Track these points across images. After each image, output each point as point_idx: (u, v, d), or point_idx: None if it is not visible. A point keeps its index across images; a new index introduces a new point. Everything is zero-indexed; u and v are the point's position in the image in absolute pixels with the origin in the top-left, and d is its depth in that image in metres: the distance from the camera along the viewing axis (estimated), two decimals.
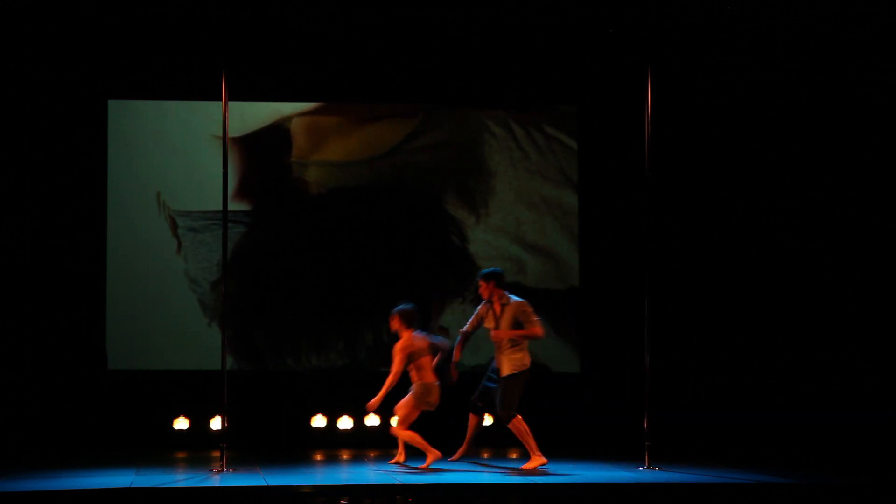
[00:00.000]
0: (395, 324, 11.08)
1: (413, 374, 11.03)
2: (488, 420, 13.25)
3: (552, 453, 12.19)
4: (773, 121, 13.39)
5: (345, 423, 13.07)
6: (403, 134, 13.35)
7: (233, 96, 11.09)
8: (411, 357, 10.97)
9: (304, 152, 13.22)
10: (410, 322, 11.05)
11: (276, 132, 13.23)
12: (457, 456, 11.33)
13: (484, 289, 11.05)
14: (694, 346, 13.24)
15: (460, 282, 13.35)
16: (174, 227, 13.06)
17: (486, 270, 11.17)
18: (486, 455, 12.28)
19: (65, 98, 12.88)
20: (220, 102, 10.99)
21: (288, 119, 13.22)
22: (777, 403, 13.10)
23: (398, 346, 11.00)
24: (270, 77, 13.10)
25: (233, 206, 12.93)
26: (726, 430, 12.86)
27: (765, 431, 12.87)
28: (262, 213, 13.20)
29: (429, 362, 11.05)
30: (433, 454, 10.88)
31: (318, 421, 12.99)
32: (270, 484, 9.79)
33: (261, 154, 13.21)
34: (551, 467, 10.96)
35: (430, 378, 11.02)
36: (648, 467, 10.73)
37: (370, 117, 13.31)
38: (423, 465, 10.87)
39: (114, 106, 13.10)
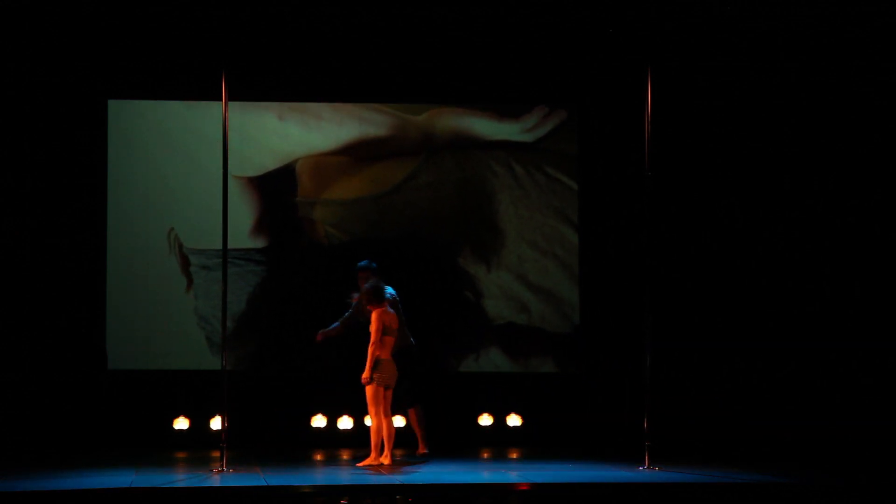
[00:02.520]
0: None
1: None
2: (487, 419, 13.27)
3: (553, 453, 12.20)
4: (774, 121, 13.37)
5: (345, 423, 13.07)
6: (405, 173, 13.35)
7: (233, 96, 11.09)
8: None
9: (310, 191, 13.24)
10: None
11: (288, 172, 13.25)
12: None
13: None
14: (694, 359, 13.22)
15: (465, 316, 13.38)
16: (186, 264, 13.05)
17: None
18: (485, 455, 12.28)
19: (65, 98, 12.89)
20: (220, 103, 10.98)
21: (297, 160, 13.25)
22: (778, 412, 13.08)
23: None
24: (270, 77, 13.10)
25: (247, 244, 13.08)
26: (726, 431, 12.85)
27: (764, 434, 12.86)
28: (276, 250, 13.21)
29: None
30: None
31: (318, 421, 13.00)
32: (270, 484, 9.79)
33: (274, 194, 13.23)
34: (552, 467, 10.96)
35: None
36: (648, 467, 10.72)
37: (373, 156, 13.32)
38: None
39: (114, 106, 13.10)
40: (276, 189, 13.21)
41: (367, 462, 11.04)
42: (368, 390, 11.00)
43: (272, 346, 13.19)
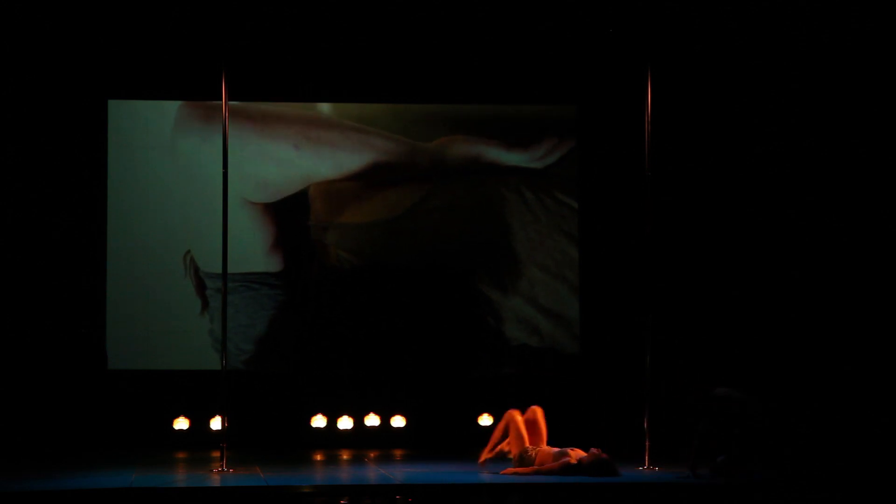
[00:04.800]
0: None
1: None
2: (487, 420, 13.26)
3: None
4: (774, 121, 13.34)
5: (345, 423, 13.07)
6: (417, 198, 13.35)
7: (233, 96, 11.09)
8: None
9: (323, 216, 13.24)
10: None
11: (302, 198, 13.26)
12: None
13: None
14: (694, 361, 13.20)
15: (478, 339, 13.38)
16: (202, 287, 13.05)
17: None
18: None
19: (65, 98, 12.88)
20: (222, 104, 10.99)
21: (309, 186, 13.26)
22: (779, 414, 13.06)
23: None
24: (270, 77, 13.10)
25: (261, 268, 13.12)
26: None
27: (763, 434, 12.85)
28: (290, 274, 13.22)
29: None
30: None
31: (318, 421, 13.00)
32: (270, 484, 9.79)
33: (288, 219, 13.24)
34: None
35: None
36: (648, 467, 10.72)
37: (385, 182, 13.33)
38: None
39: (114, 106, 13.10)
40: (290, 214, 13.22)
41: None
42: None
43: (287, 362, 13.22)
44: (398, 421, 13.09)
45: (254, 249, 13.10)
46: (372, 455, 12.17)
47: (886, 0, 12.26)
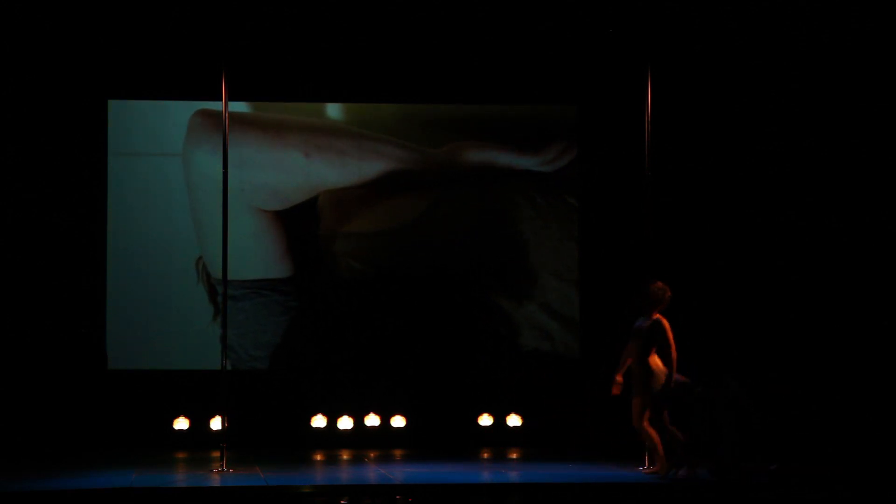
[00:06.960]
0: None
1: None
2: (487, 419, 13.27)
3: (553, 453, 12.21)
4: (774, 123, 13.35)
5: (345, 423, 13.07)
6: (426, 205, 13.36)
7: (233, 96, 11.08)
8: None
9: (332, 224, 13.27)
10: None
11: (312, 206, 13.27)
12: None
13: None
14: (693, 359, 13.20)
15: (487, 345, 13.37)
16: (213, 294, 13.05)
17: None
18: (485, 455, 12.29)
19: (65, 98, 12.88)
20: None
21: (319, 194, 13.27)
22: (779, 413, 13.07)
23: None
24: (270, 77, 13.10)
25: (271, 274, 13.13)
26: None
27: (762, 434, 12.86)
28: (299, 281, 13.23)
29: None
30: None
31: (318, 421, 13.00)
32: (270, 484, 9.80)
33: (298, 227, 13.25)
34: (552, 468, 10.96)
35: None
36: (648, 467, 10.73)
37: (395, 190, 13.34)
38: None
39: (114, 106, 13.11)
40: (301, 222, 13.23)
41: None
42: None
43: (297, 367, 13.24)
44: (398, 421, 13.09)
45: (264, 256, 13.12)
46: (372, 455, 12.18)
47: (886, 0, 12.25)
